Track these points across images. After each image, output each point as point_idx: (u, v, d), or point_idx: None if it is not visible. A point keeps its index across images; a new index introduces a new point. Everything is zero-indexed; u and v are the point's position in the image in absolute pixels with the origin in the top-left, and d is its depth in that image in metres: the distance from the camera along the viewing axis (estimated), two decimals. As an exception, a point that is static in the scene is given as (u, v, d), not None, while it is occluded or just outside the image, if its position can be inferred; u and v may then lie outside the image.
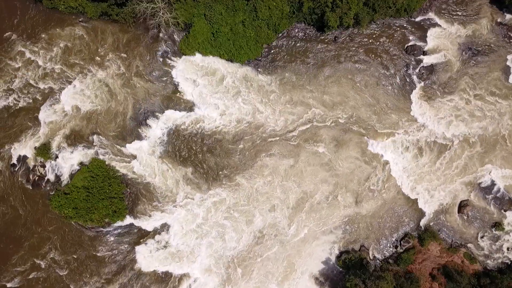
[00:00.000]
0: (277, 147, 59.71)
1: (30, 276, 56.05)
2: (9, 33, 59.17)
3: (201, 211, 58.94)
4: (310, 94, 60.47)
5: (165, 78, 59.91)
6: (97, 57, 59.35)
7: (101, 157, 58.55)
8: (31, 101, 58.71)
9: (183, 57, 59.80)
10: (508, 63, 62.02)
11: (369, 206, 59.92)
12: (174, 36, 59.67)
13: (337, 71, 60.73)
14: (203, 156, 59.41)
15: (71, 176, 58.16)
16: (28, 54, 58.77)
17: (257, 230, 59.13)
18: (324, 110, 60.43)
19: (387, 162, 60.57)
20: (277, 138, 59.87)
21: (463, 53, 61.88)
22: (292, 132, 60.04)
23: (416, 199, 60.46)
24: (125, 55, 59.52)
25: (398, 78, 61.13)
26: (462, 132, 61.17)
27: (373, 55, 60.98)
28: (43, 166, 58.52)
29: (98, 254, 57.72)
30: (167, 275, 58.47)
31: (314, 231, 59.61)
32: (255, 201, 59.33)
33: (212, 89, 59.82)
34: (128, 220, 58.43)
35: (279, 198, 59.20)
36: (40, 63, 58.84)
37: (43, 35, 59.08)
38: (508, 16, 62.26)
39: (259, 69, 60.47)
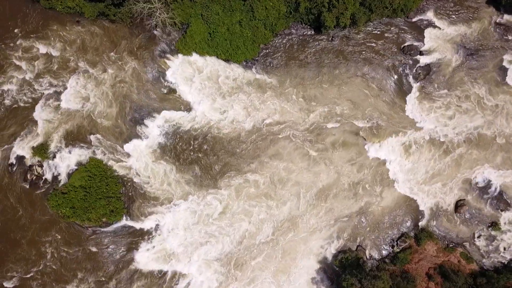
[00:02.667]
0: (275, 147, 59.82)
1: (27, 276, 56.17)
2: (5, 32, 59.34)
3: (199, 211, 59.06)
4: (306, 93, 60.57)
5: (162, 78, 60.08)
6: (95, 57, 59.54)
7: (98, 156, 58.72)
8: (28, 100, 58.92)
9: (180, 57, 59.98)
10: (504, 63, 62.15)
11: (366, 205, 60.01)
12: (171, 36, 59.81)
13: (334, 71, 60.84)
14: (200, 156, 59.55)
15: (69, 175, 58.32)
16: (25, 54, 58.95)
17: (254, 229, 59.25)
18: (320, 109, 60.53)
19: (383, 162, 60.70)
20: (274, 137, 59.98)
21: (460, 53, 62.00)
22: (288, 132, 60.13)
23: (413, 199, 60.55)
24: (122, 55, 59.68)
25: (394, 78, 61.27)
26: (459, 132, 61.28)
27: (369, 55, 61.11)
28: (41, 166, 58.67)
29: (95, 254, 57.81)
30: (163, 275, 58.55)
31: (311, 231, 59.73)
32: (254, 200, 59.44)
33: (209, 89, 59.98)
34: (126, 219, 58.60)
35: (277, 197, 59.34)
36: (37, 63, 59.04)
37: (40, 35, 59.27)
38: (505, 16, 62.37)
39: (256, 69, 60.62)
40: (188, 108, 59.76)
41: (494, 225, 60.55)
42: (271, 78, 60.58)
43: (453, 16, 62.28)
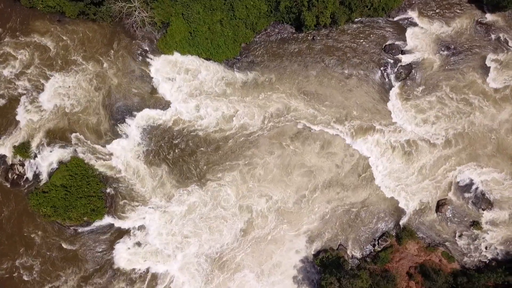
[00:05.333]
0: (255, 145, 59.84)
1: (7, 275, 56.25)
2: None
3: (180, 210, 59.15)
4: (288, 92, 60.57)
5: (143, 77, 60.07)
6: (76, 56, 59.52)
7: (80, 155, 58.77)
8: (9, 100, 58.88)
9: (162, 56, 59.99)
10: (487, 62, 62.05)
11: (347, 205, 60.02)
12: (153, 35, 59.80)
13: (315, 70, 60.80)
14: (182, 155, 59.60)
15: (50, 174, 58.36)
16: (5, 53, 58.92)
17: (236, 228, 59.30)
18: (301, 108, 60.53)
19: (365, 162, 60.67)
20: (255, 136, 59.98)
21: (442, 52, 61.90)
22: (270, 130, 60.12)
23: (395, 198, 60.57)
24: (104, 54, 59.66)
25: (376, 78, 61.21)
26: (441, 131, 61.23)
27: (351, 54, 61.05)
28: (22, 165, 58.73)
29: (76, 253, 57.90)
30: (145, 274, 58.69)
31: (292, 230, 59.78)
32: (236, 200, 59.51)
33: (190, 88, 59.98)
34: (107, 218, 58.66)
35: (258, 197, 59.38)
36: (18, 62, 59.03)
37: (21, 34, 59.22)
38: (487, 15, 62.27)
39: (237, 68, 60.60)
40: (169, 106, 59.77)
41: (476, 224, 60.56)
42: (252, 76, 60.54)
43: (435, 15, 62.16)
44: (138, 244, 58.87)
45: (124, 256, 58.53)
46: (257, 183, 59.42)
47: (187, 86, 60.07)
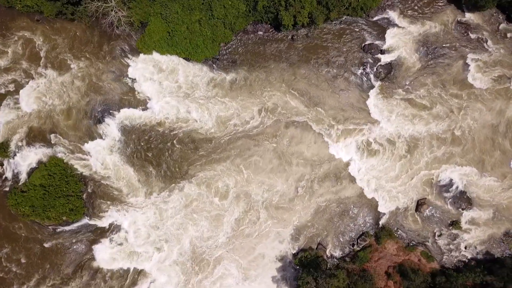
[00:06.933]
0: (237, 144, 59.86)
1: (-18, 274, 56.38)
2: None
3: (160, 209, 59.14)
4: (268, 91, 60.60)
5: (123, 77, 60.09)
6: (55, 56, 59.53)
7: (59, 155, 58.79)
8: (-13, 99, 58.99)
9: (141, 56, 60.03)
10: (467, 61, 62.06)
11: (326, 204, 60.02)
12: (132, 35, 59.83)
13: (295, 70, 60.82)
14: (161, 154, 59.62)
15: (29, 174, 58.39)
16: (-17, 53, 59.09)
17: (215, 227, 59.37)
18: (282, 107, 60.56)
19: (345, 161, 60.68)
20: (237, 135, 60.00)
21: (422, 52, 61.93)
22: (252, 128, 60.14)
23: (375, 198, 60.56)
24: (81, 54, 59.72)
25: (355, 77, 61.22)
26: (421, 131, 61.24)
27: (330, 54, 61.06)
28: (1, 164, 58.75)
29: (55, 252, 57.86)
30: (125, 273, 58.66)
31: (272, 229, 59.77)
32: (211, 203, 59.55)
33: (169, 88, 60.01)
34: (86, 218, 58.68)
35: (239, 196, 59.47)
36: (-4, 62, 59.16)
37: None
38: (466, 14, 62.29)
39: (216, 68, 60.62)
40: (148, 106, 59.80)
41: (455, 224, 60.54)
42: (232, 75, 60.57)
43: (415, 15, 62.19)
44: (118, 243, 58.83)
45: (103, 255, 58.49)
46: (244, 177, 59.53)
47: (166, 86, 60.05)
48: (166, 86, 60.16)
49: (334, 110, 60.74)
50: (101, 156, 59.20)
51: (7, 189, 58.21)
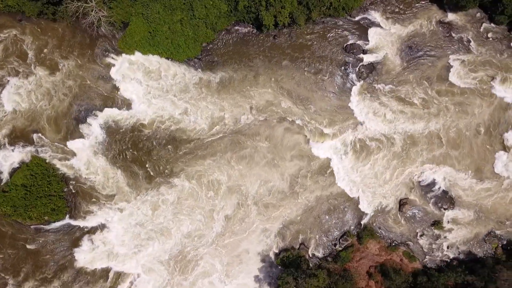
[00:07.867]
0: (218, 144, 59.95)
1: (-37, 273, 56.39)
2: None
3: (142, 209, 59.20)
4: (250, 91, 60.65)
5: (105, 77, 60.03)
6: (37, 56, 59.43)
7: (41, 155, 58.77)
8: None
9: (123, 55, 59.99)
10: (450, 61, 62.08)
11: (307, 203, 60.09)
12: (113, 35, 59.84)
13: (276, 69, 60.84)
14: (144, 155, 59.66)
15: (11, 174, 58.39)
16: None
17: (198, 228, 59.45)
18: (264, 107, 60.62)
19: (328, 161, 60.75)
20: (219, 136, 60.11)
21: (404, 52, 61.92)
22: (233, 128, 60.23)
23: (357, 198, 60.67)
24: (65, 54, 59.63)
25: (337, 77, 61.23)
26: (403, 131, 61.28)
27: (312, 54, 61.05)
28: (-17, 164, 58.74)
29: (37, 252, 57.88)
30: (107, 273, 58.73)
31: (255, 228, 59.89)
32: (198, 200, 59.64)
33: (151, 87, 60.03)
34: (68, 218, 58.70)
35: (223, 197, 59.55)
36: (-23, 62, 59.09)
37: (-19, 34, 59.37)
38: (449, 15, 62.29)
39: (199, 67, 60.64)
40: (130, 106, 59.81)
41: (437, 223, 60.61)
42: (214, 75, 60.61)
43: (397, 15, 62.15)
44: (101, 243, 58.89)
45: (86, 255, 58.58)
46: (229, 177, 59.60)
47: (148, 85, 60.09)
48: (150, 86, 60.16)
49: (318, 109, 60.79)
50: (84, 156, 59.19)
51: (-11, 189, 58.19)
